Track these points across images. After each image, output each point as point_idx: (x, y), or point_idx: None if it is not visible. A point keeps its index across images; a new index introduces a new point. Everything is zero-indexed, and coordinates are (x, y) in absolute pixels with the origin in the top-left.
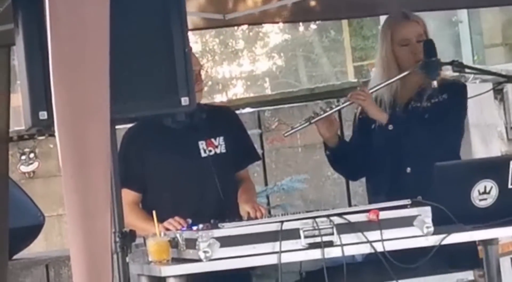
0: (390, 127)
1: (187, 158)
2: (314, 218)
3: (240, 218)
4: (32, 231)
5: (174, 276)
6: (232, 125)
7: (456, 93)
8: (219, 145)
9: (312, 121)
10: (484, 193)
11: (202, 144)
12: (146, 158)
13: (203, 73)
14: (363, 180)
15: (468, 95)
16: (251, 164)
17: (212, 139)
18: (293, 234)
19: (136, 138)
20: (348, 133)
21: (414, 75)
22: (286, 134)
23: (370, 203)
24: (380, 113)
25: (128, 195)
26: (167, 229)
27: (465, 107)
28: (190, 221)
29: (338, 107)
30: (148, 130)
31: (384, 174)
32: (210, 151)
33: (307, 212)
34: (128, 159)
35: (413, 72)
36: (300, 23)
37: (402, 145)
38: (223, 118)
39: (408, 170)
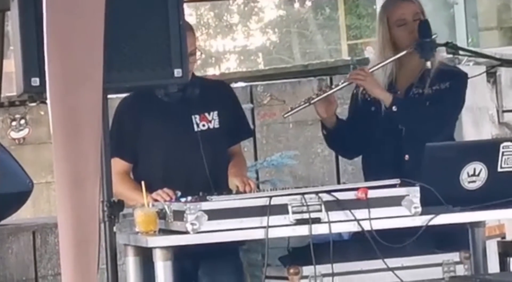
0: (394, 108)
1: (180, 131)
2: (302, 194)
3: (229, 192)
4: (20, 197)
5: (161, 247)
6: (227, 100)
7: (458, 83)
8: (213, 120)
9: (312, 102)
10: (473, 175)
11: (195, 118)
12: (140, 129)
13: (198, 54)
14: (356, 158)
15: None
16: (243, 139)
17: (206, 114)
18: (281, 210)
19: (131, 109)
20: (340, 112)
21: (413, 58)
22: (285, 115)
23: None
24: (384, 93)
25: (119, 164)
26: (156, 200)
27: (464, 98)
28: (179, 193)
29: (338, 88)
30: (143, 102)
31: (383, 157)
32: (203, 125)
33: (296, 188)
34: (121, 129)
35: (412, 54)
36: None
37: (402, 131)
38: (218, 93)
39: (407, 157)
